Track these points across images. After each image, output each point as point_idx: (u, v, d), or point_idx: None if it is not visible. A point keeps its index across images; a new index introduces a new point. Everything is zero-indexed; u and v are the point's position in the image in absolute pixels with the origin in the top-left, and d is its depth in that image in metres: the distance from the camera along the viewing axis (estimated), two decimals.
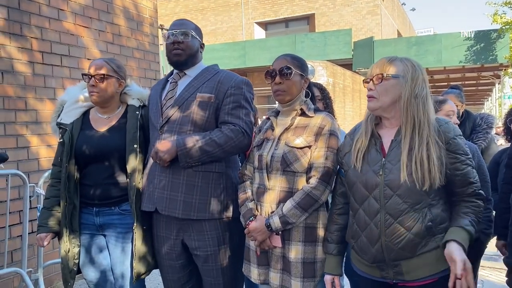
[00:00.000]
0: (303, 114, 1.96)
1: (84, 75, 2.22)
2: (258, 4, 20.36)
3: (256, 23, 20.60)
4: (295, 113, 1.97)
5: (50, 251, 3.66)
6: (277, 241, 1.87)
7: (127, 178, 2.17)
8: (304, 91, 2.02)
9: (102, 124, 2.26)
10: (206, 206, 2.03)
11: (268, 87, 2.03)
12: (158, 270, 2.23)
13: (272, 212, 1.88)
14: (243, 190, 2.03)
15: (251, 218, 1.91)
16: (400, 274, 1.62)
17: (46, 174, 3.33)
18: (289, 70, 1.92)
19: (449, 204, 1.64)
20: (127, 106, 2.31)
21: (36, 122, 3.60)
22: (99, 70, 2.19)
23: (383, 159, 1.62)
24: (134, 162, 2.15)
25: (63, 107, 2.34)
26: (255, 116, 3.43)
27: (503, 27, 13.98)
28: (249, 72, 17.04)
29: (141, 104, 2.31)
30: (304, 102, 1.99)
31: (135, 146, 2.16)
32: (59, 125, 2.30)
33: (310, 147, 1.88)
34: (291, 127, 1.94)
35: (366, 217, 1.64)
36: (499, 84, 17.11)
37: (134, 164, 2.15)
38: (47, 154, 3.67)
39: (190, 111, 2.06)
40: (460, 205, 1.61)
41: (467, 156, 1.59)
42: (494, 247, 2.52)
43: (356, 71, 16.16)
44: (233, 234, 2.10)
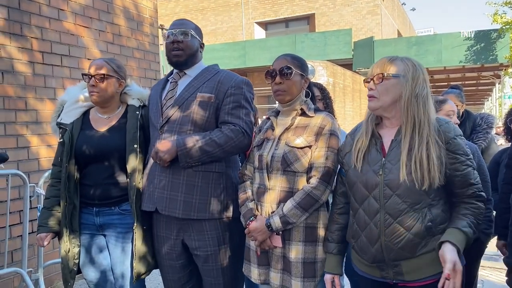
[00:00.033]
0: (303, 114, 1.96)
1: (84, 75, 2.22)
2: (258, 4, 20.36)
3: (256, 23, 20.60)
4: (295, 113, 1.97)
5: (50, 251, 3.66)
6: (277, 241, 1.87)
7: (127, 178, 2.17)
8: (304, 91, 2.02)
9: (102, 124, 2.26)
10: (206, 206, 2.03)
11: (268, 87, 2.03)
12: (158, 270, 2.23)
13: (273, 212, 1.88)
14: (243, 190, 2.03)
15: (251, 218, 1.91)
16: (400, 274, 1.61)
17: (46, 174, 3.33)
18: (289, 70, 1.92)
19: (449, 204, 1.63)
20: (127, 106, 2.32)
21: (36, 122, 3.60)
22: (99, 70, 2.19)
23: (383, 159, 1.62)
24: (134, 162, 2.15)
25: (63, 107, 2.34)
26: (255, 116, 3.43)
27: (503, 27, 13.99)
28: (249, 72, 17.04)
29: (141, 104, 2.31)
30: (304, 102, 1.99)
31: (135, 146, 2.16)
32: (59, 125, 2.30)
33: (310, 147, 1.88)
34: (291, 127, 1.94)
35: (366, 217, 1.64)
36: (499, 84, 17.11)
37: (134, 164, 2.15)
38: (47, 154, 3.67)
39: (190, 111, 2.06)
40: (460, 206, 1.60)
41: (467, 157, 1.57)
42: (494, 247, 2.52)
43: (356, 71, 16.16)
44: (233, 234, 2.09)
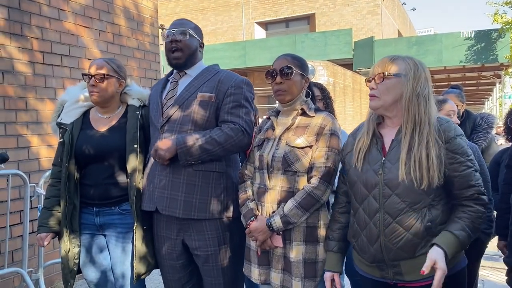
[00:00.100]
0: (303, 114, 1.96)
1: (84, 75, 2.22)
2: (258, 4, 20.35)
3: (256, 23, 20.60)
4: (295, 113, 1.97)
5: (50, 251, 3.66)
6: (278, 241, 1.87)
7: (127, 178, 2.17)
8: (305, 91, 2.02)
9: (102, 124, 2.25)
10: (207, 206, 2.03)
11: (269, 87, 2.03)
12: (159, 270, 2.23)
13: (273, 212, 1.88)
14: (244, 190, 2.03)
15: (252, 218, 1.91)
16: (399, 275, 1.61)
17: (46, 174, 3.33)
18: (289, 70, 1.92)
19: (450, 205, 1.62)
20: (127, 106, 2.31)
21: (36, 122, 3.60)
22: (99, 70, 2.19)
23: (383, 158, 1.62)
24: (134, 162, 2.15)
25: (63, 107, 2.34)
26: (256, 116, 3.43)
27: (504, 27, 13.97)
28: (249, 72, 17.04)
29: (141, 104, 2.31)
30: (305, 102, 1.98)
31: (135, 146, 2.16)
32: (59, 125, 2.30)
33: (311, 147, 1.88)
34: (291, 127, 1.94)
35: (365, 216, 1.64)
36: (499, 84, 17.10)
37: (134, 164, 2.15)
38: (47, 154, 3.67)
39: (190, 111, 2.06)
40: (457, 208, 1.58)
41: (468, 157, 1.55)
42: (494, 247, 2.52)
43: (357, 71, 16.15)
44: (233, 234, 2.09)
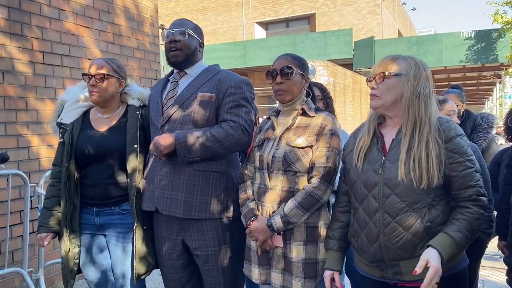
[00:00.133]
0: (304, 113, 1.96)
1: (84, 75, 2.21)
2: (258, 4, 20.35)
3: (256, 23, 20.60)
4: (296, 112, 1.97)
5: (50, 251, 3.66)
6: (278, 241, 1.87)
7: (128, 178, 2.17)
8: (305, 91, 2.02)
9: (102, 124, 2.25)
10: (207, 206, 2.03)
11: (269, 87, 2.02)
12: (159, 270, 2.23)
13: (274, 212, 1.88)
14: (244, 190, 2.02)
15: (252, 218, 1.91)
16: (399, 274, 1.61)
17: (46, 174, 3.33)
18: (290, 70, 1.92)
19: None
20: (127, 106, 2.31)
21: (36, 122, 3.60)
22: (99, 70, 2.19)
23: (383, 158, 1.62)
24: (134, 162, 2.15)
25: (63, 107, 2.34)
26: (256, 116, 3.43)
27: (504, 27, 13.96)
28: (249, 72, 17.04)
29: (141, 104, 2.31)
30: (305, 101, 1.98)
31: (135, 146, 2.16)
32: (59, 125, 2.30)
33: (311, 147, 1.87)
34: (292, 126, 1.94)
35: (365, 216, 1.64)
36: (500, 83, 17.09)
37: (134, 164, 2.15)
38: (47, 154, 3.67)
39: (190, 110, 2.06)
40: (455, 210, 1.57)
41: (467, 158, 1.54)
42: (494, 246, 2.52)
43: (357, 71, 16.15)
44: (233, 234, 2.09)
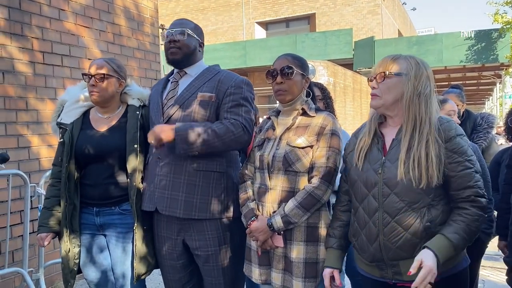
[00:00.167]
0: (304, 113, 1.96)
1: (84, 75, 2.21)
2: (258, 4, 20.35)
3: (256, 23, 20.60)
4: (296, 112, 1.96)
5: (51, 251, 3.66)
6: (279, 241, 1.87)
7: (128, 178, 2.17)
8: (305, 91, 2.02)
9: (102, 124, 2.25)
10: (207, 206, 2.03)
11: (269, 87, 2.02)
12: (159, 270, 2.23)
13: (274, 212, 1.88)
14: (244, 190, 2.02)
15: (252, 218, 1.91)
16: (398, 274, 1.60)
17: (47, 174, 3.33)
18: (290, 70, 1.92)
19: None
20: (127, 106, 2.31)
21: (37, 122, 3.60)
22: (99, 70, 2.19)
23: (383, 157, 1.62)
24: (134, 162, 2.15)
25: (63, 107, 2.34)
26: (256, 116, 3.43)
27: (504, 27, 13.96)
28: (249, 72, 17.04)
29: (141, 104, 2.31)
30: (305, 101, 1.98)
31: (135, 146, 2.16)
32: (59, 125, 2.30)
33: (312, 146, 1.87)
34: (292, 126, 1.94)
35: (365, 215, 1.64)
36: (500, 83, 17.09)
37: (134, 164, 2.15)
38: (48, 154, 3.67)
39: (191, 110, 2.06)
40: (454, 211, 1.56)
41: (467, 158, 1.53)
42: (495, 246, 2.52)
43: (357, 70, 16.15)
44: (234, 234, 2.09)
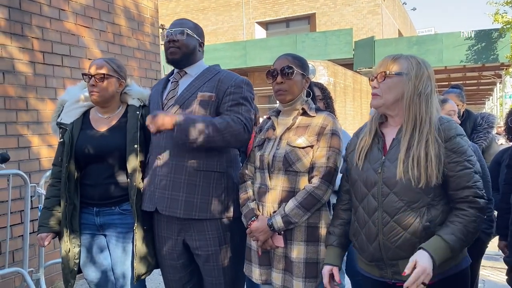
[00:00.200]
0: (304, 113, 1.96)
1: (84, 75, 2.21)
2: (259, 4, 20.35)
3: (257, 22, 20.60)
4: (296, 112, 1.96)
5: (51, 251, 3.66)
6: (279, 241, 1.87)
7: (128, 178, 2.17)
8: (305, 91, 2.02)
9: (102, 124, 2.25)
10: (208, 206, 2.03)
11: (269, 87, 2.02)
12: (159, 270, 2.23)
13: (274, 212, 1.88)
14: (244, 190, 2.02)
15: (253, 218, 1.91)
16: (398, 274, 1.60)
17: (47, 174, 3.33)
18: (290, 70, 1.92)
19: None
20: (127, 106, 2.31)
21: (37, 122, 3.60)
22: (99, 70, 2.19)
23: (383, 157, 1.62)
24: (134, 162, 2.15)
25: (63, 107, 2.34)
26: (257, 116, 3.43)
27: (504, 27, 13.96)
28: (250, 72, 17.04)
29: (141, 104, 2.31)
30: (306, 101, 1.98)
31: (135, 146, 2.16)
32: (59, 125, 2.30)
33: (312, 146, 1.87)
34: (292, 126, 1.94)
35: (365, 215, 1.64)
36: (500, 83, 17.09)
37: (134, 164, 2.15)
38: (48, 154, 3.67)
39: (191, 110, 2.06)
40: (452, 212, 1.55)
41: (466, 158, 1.52)
42: (495, 246, 2.52)
43: (357, 70, 16.14)
44: (234, 234, 2.09)
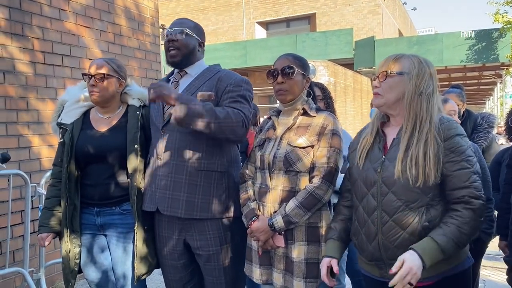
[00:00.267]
0: (305, 113, 1.95)
1: (84, 75, 2.21)
2: (259, 4, 20.36)
3: (257, 22, 20.60)
4: (297, 112, 1.96)
5: (51, 251, 3.66)
6: (280, 241, 1.87)
7: (128, 178, 2.17)
8: (306, 91, 2.02)
9: (102, 124, 2.25)
10: (209, 206, 2.03)
11: (269, 87, 2.02)
12: (159, 270, 2.23)
13: (275, 212, 1.88)
14: (245, 190, 2.02)
15: (253, 218, 1.91)
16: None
17: (47, 174, 3.34)
18: (291, 70, 1.92)
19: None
20: (128, 106, 2.31)
21: (37, 122, 3.60)
22: (99, 70, 2.18)
23: (383, 156, 1.63)
24: (135, 162, 2.15)
25: (64, 107, 2.34)
26: (257, 116, 3.43)
27: (505, 26, 13.98)
28: (250, 71, 17.05)
29: (141, 104, 2.31)
30: (306, 101, 1.98)
31: (135, 146, 2.16)
32: (60, 125, 2.29)
33: (312, 146, 1.87)
34: (293, 126, 1.94)
35: (364, 214, 1.64)
36: (500, 83, 17.10)
37: (135, 164, 2.15)
38: (48, 154, 3.67)
39: None
40: (447, 212, 1.53)
41: (464, 157, 1.51)
42: (495, 246, 2.52)
43: (357, 70, 16.14)
44: (234, 233, 2.09)
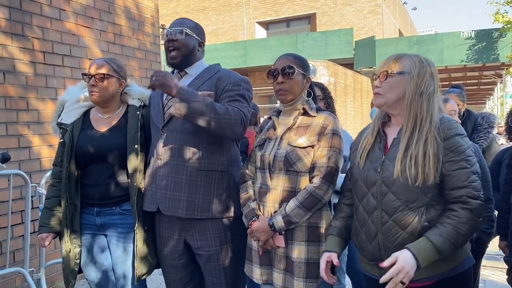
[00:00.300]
0: (305, 113, 1.95)
1: (84, 75, 2.21)
2: (259, 4, 20.36)
3: (257, 22, 20.60)
4: (297, 112, 1.96)
5: (52, 251, 3.66)
6: (280, 241, 1.87)
7: (128, 178, 2.17)
8: (306, 91, 2.02)
9: (102, 124, 2.25)
10: (209, 206, 2.03)
11: (270, 87, 2.02)
12: (160, 270, 2.23)
13: (275, 212, 1.88)
14: (245, 190, 2.02)
15: (253, 218, 1.91)
16: None
17: (47, 174, 3.34)
18: (291, 70, 1.92)
19: None
20: (128, 106, 2.31)
21: (37, 122, 3.61)
22: (99, 70, 2.18)
23: (383, 156, 1.63)
24: (135, 162, 2.15)
25: (64, 107, 2.34)
26: (257, 116, 3.43)
27: (505, 26, 13.98)
28: (250, 71, 17.05)
29: (141, 104, 2.31)
30: (306, 101, 1.98)
31: (136, 146, 2.16)
32: (60, 125, 2.29)
33: (313, 146, 1.87)
34: (293, 126, 1.94)
35: (364, 214, 1.65)
36: (500, 83, 17.10)
37: (135, 164, 2.15)
38: (48, 154, 3.67)
39: None
40: (445, 212, 1.53)
41: (463, 157, 1.51)
42: (495, 246, 2.52)
43: (358, 70, 16.14)
44: (235, 233, 2.09)
